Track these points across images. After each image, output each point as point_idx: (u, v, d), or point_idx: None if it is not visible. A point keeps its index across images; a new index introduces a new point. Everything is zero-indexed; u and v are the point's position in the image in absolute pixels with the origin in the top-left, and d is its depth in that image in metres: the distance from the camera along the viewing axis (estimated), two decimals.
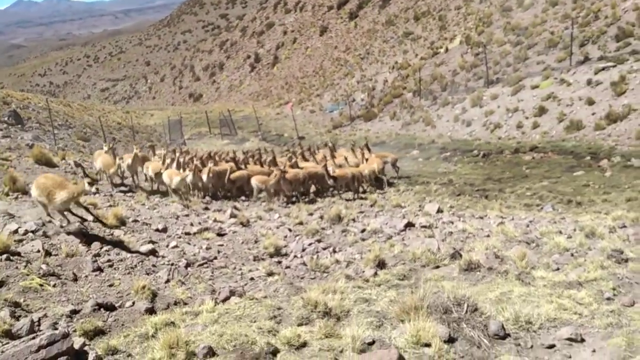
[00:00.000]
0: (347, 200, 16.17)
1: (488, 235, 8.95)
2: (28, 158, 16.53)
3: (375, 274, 6.25)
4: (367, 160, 18.86)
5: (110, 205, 11.08)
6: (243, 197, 16.63)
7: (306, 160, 19.76)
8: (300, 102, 53.66)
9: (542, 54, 32.86)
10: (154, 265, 6.53)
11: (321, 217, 11.82)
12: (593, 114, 23.00)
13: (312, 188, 17.84)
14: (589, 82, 25.12)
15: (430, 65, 42.82)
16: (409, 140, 28.98)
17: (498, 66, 34.61)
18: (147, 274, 6.22)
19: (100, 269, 6.13)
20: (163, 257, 6.90)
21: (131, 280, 5.86)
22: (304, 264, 7.08)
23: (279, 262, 7.28)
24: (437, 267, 6.49)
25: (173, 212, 10.87)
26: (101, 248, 6.84)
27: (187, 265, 6.66)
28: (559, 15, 37.30)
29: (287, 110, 46.32)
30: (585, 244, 7.65)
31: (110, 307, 5.16)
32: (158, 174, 15.48)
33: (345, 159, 18.79)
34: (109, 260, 6.41)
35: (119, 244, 7.12)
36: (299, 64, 79.60)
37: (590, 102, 23.70)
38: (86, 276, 5.95)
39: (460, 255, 6.83)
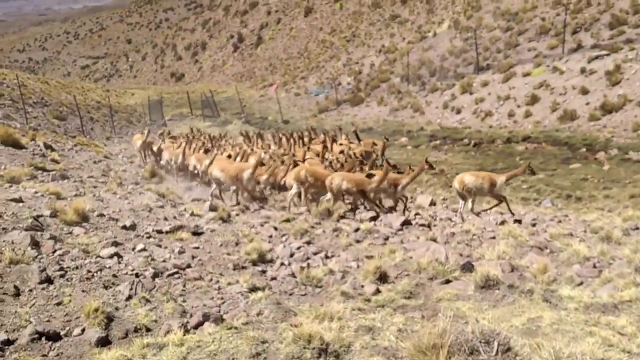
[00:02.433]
0: None
1: (494, 237, 8.10)
2: None
3: (377, 290, 5.33)
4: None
5: (76, 195, 10.01)
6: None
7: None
8: (285, 85, 52.38)
9: (533, 40, 32.07)
10: (114, 276, 5.50)
11: (308, 211, 10.89)
12: (587, 103, 22.29)
13: None
14: (582, 71, 24.39)
15: (417, 49, 41.81)
16: (397, 127, 28.09)
17: (488, 52, 33.77)
18: (106, 287, 5.20)
19: (49, 280, 5.12)
20: (127, 264, 5.87)
21: (84, 297, 4.86)
22: (293, 274, 6.11)
23: (263, 272, 6.29)
24: (448, 281, 5.60)
25: (146, 203, 9.82)
26: (54, 252, 5.80)
27: (155, 276, 5.64)
28: (550, 1, 36.46)
29: (271, 92, 45.11)
30: (607, 252, 6.82)
31: (54, 336, 4.17)
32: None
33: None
34: (61, 269, 5.38)
35: (76, 246, 6.10)
36: (283, 45, 77.99)
37: (584, 92, 22.98)
38: (31, 290, 4.93)
39: (472, 266, 5.95)
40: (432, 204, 13.61)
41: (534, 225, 9.57)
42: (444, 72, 34.08)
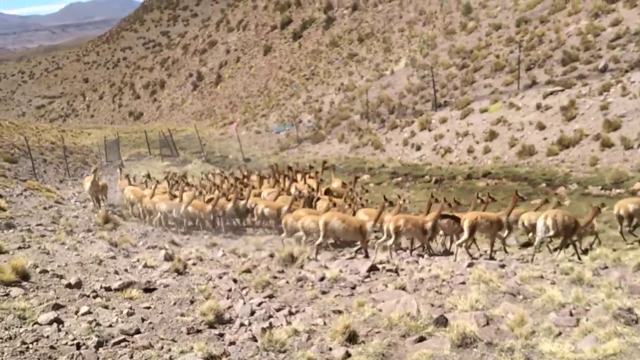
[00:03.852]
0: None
1: (464, 282, 7.80)
2: None
3: (347, 353, 4.90)
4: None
5: (20, 247, 9.30)
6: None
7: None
8: (245, 123, 52.10)
9: (488, 77, 32.72)
10: (52, 347, 4.90)
11: (271, 256, 10.43)
12: (545, 139, 22.66)
13: None
14: (538, 107, 24.89)
15: (376, 87, 42.24)
16: (359, 164, 27.99)
17: (445, 89, 34.27)
18: None
19: None
20: (68, 332, 5.26)
21: None
22: (254, 337, 5.59)
23: (221, 335, 5.72)
24: (422, 338, 5.22)
25: (96, 254, 9.18)
26: None
27: (99, 345, 5.03)
28: (503, 39, 37.50)
29: (232, 130, 44.67)
30: (582, 297, 6.57)
31: None
32: None
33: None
34: None
35: (11, 312, 5.48)
36: (243, 83, 78.09)
37: (541, 127, 23.39)
38: None
39: (446, 320, 5.60)
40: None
41: (502, 266, 9.33)
42: (403, 109, 34.38)
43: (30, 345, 4.90)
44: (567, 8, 35.63)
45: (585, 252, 11.07)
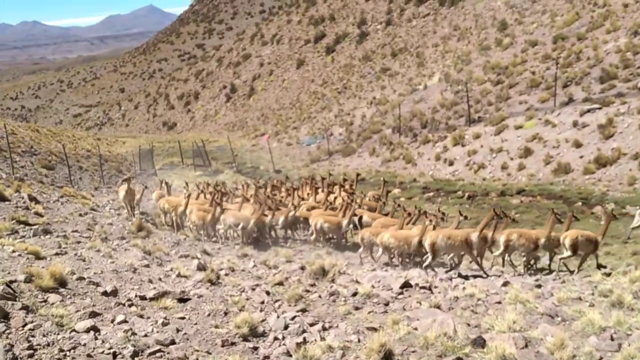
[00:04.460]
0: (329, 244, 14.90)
1: (500, 302, 7.64)
2: None
3: None
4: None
5: (57, 254, 9.47)
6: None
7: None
8: (277, 134, 52.48)
9: (524, 93, 32.33)
10: (89, 356, 4.92)
11: (302, 269, 10.40)
12: (581, 157, 22.22)
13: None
14: (574, 124, 24.43)
15: (409, 101, 42.12)
16: (390, 178, 27.82)
17: (479, 105, 33.95)
18: None
19: None
20: (104, 340, 5.31)
21: None
22: (288, 352, 5.55)
23: (255, 349, 5.69)
24: (459, 359, 5.11)
25: (131, 262, 9.29)
26: (24, 326, 5.26)
27: (134, 355, 5.03)
28: (539, 55, 37.07)
29: (263, 142, 45.10)
30: (624, 321, 6.37)
31: None
32: None
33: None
34: (30, 347, 4.83)
35: (49, 319, 5.57)
36: (275, 95, 78.83)
37: (578, 145, 22.95)
38: None
39: (484, 341, 5.48)
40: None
41: (538, 286, 9.12)
42: (436, 124, 34.17)
43: (68, 353, 4.95)
44: (605, 25, 35.03)
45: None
